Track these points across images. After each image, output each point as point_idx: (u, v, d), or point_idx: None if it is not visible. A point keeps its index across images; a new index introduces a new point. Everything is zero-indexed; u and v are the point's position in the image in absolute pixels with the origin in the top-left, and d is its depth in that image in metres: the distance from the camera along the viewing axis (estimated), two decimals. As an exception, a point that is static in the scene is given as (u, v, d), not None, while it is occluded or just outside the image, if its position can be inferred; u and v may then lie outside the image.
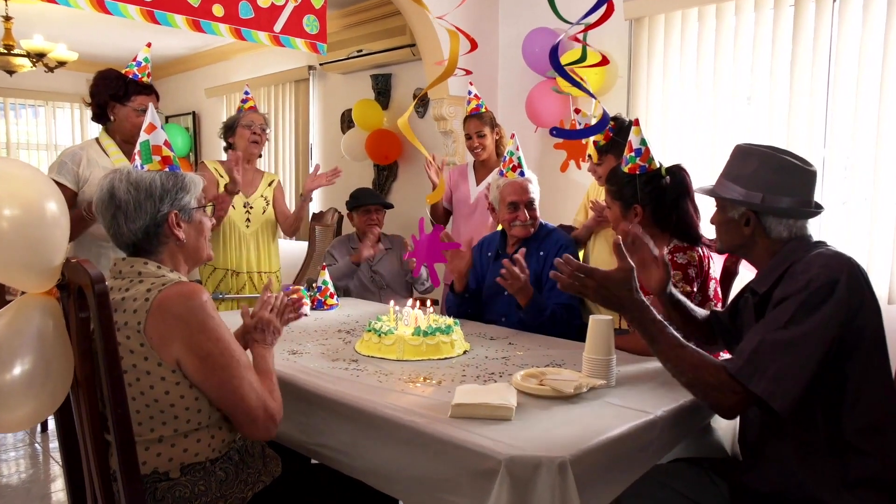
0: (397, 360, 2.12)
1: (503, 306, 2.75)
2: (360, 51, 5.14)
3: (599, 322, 1.85)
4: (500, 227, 3.02)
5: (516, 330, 2.58)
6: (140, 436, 1.56)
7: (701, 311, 2.05)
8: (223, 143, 3.59)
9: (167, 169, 1.68)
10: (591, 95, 2.26)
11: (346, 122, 5.63)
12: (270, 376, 1.72)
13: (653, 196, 2.28)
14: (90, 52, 6.76)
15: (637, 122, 2.28)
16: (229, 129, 3.51)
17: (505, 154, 2.80)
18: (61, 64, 5.41)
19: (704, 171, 3.39)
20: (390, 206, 3.83)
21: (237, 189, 3.31)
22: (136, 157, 1.69)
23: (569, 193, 4.03)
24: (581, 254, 2.94)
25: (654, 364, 2.07)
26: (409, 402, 1.71)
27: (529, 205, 2.74)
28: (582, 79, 2.34)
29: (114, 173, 1.65)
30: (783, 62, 3.25)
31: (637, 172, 2.28)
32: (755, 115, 3.41)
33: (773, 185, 1.69)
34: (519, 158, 2.77)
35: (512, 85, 4.44)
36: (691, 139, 3.62)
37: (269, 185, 3.58)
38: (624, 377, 1.91)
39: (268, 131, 3.56)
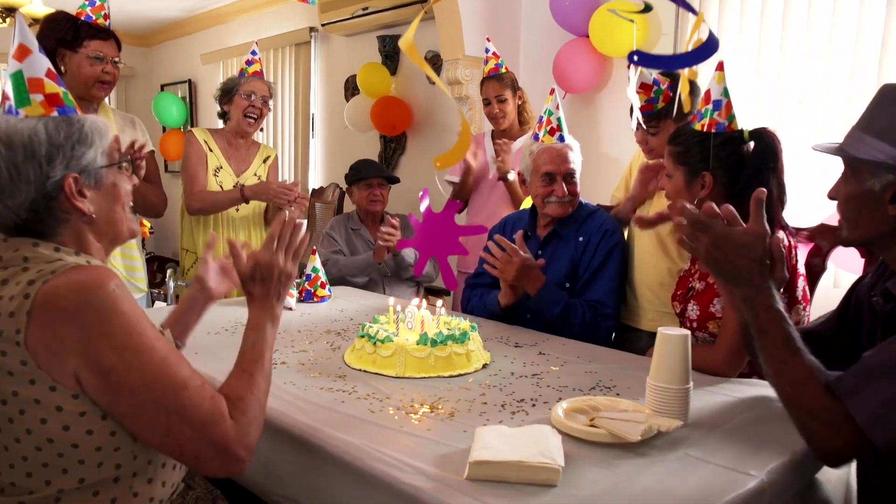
0: (396, 377, 1.63)
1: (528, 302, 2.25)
2: (366, 9, 4.61)
3: (673, 338, 1.35)
4: (527, 203, 2.51)
5: (546, 333, 2.08)
6: (31, 492, 1.08)
7: None
8: (217, 109, 3.07)
9: (55, 113, 1.15)
10: (690, 10, 1.70)
11: (351, 89, 5.12)
12: (248, 372, 1.19)
13: (729, 163, 1.76)
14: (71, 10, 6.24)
15: (721, 67, 1.77)
16: (226, 95, 2.96)
17: (542, 113, 2.28)
18: (36, 21, 4.90)
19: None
20: (396, 181, 3.32)
21: (248, 200, 2.87)
22: (4, 97, 1.17)
23: (601, 170, 3.51)
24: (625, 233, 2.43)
25: (735, 390, 1.58)
26: (410, 448, 1.22)
27: (569, 177, 2.23)
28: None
29: None
30: (875, 12, 2.68)
31: (713, 131, 1.76)
32: (834, 84, 2.84)
33: None
34: (559, 120, 2.25)
35: (537, 45, 3.88)
36: (752, 113, 3.07)
37: (265, 161, 3.05)
38: (697, 412, 1.42)
39: (271, 103, 3.01)
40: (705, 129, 1.77)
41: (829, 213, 2.51)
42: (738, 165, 1.76)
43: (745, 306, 1.27)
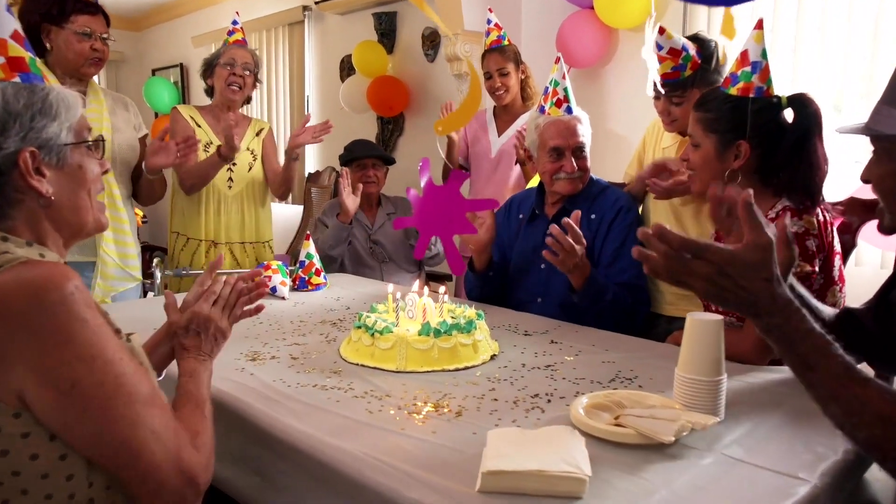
0: (397, 371, 1.49)
1: (537, 284, 2.11)
2: (361, -16, 4.44)
3: (705, 325, 1.20)
4: (533, 182, 2.36)
5: (557, 320, 1.94)
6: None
7: (827, 311, 1.39)
8: (203, 86, 2.92)
9: (17, 79, 1.01)
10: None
11: (346, 69, 4.95)
12: (200, 409, 1.10)
13: (766, 132, 1.62)
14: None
15: (761, 24, 1.61)
16: (208, 68, 2.83)
17: (547, 84, 2.12)
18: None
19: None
20: (391, 162, 3.16)
21: (232, 155, 2.66)
22: None
23: (609, 147, 3.36)
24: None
25: (768, 379, 1.44)
26: (413, 455, 1.08)
27: (578, 151, 2.09)
28: None
29: None
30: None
31: (751, 95, 1.61)
32: (853, 58, 2.66)
33: None
34: (566, 90, 2.09)
35: (539, 17, 3.72)
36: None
37: (257, 134, 2.90)
38: (730, 405, 1.27)
39: (259, 73, 2.85)
40: (741, 93, 1.62)
41: (856, 187, 2.36)
42: (777, 135, 1.62)
43: (773, 339, 1.02)
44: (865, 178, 1.23)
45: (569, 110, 2.08)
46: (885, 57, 2.56)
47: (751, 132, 1.61)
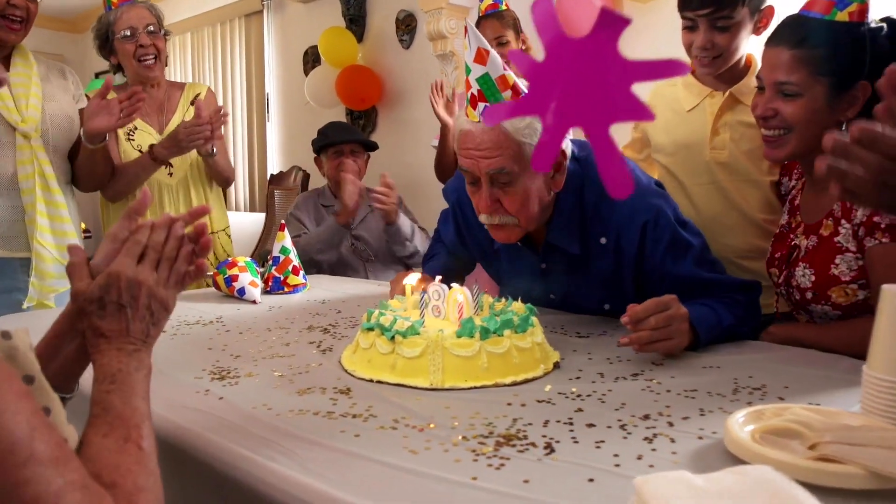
0: (431, 388, 1.05)
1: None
2: (326, -35, 4.02)
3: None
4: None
5: (608, 317, 1.50)
6: None
7: None
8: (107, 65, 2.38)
9: None
10: None
11: (311, 62, 4.50)
12: (132, 442, 0.64)
13: (882, 68, 1.25)
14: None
15: None
16: (104, 45, 2.26)
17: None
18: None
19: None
20: (373, 147, 2.72)
21: (163, 161, 2.21)
22: None
23: (615, 132, 2.97)
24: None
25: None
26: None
27: (498, 178, 1.31)
28: None
29: None
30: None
31: (864, 22, 1.27)
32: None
33: None
34: (485, 81, 1.27)
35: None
36: None
37: (192, 103, 2.33)
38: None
39: (165, 32, 2.27)
40: (853, 18, 1.27)
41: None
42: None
43: None
44: None
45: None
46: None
47: (870, 69, 1.26)
